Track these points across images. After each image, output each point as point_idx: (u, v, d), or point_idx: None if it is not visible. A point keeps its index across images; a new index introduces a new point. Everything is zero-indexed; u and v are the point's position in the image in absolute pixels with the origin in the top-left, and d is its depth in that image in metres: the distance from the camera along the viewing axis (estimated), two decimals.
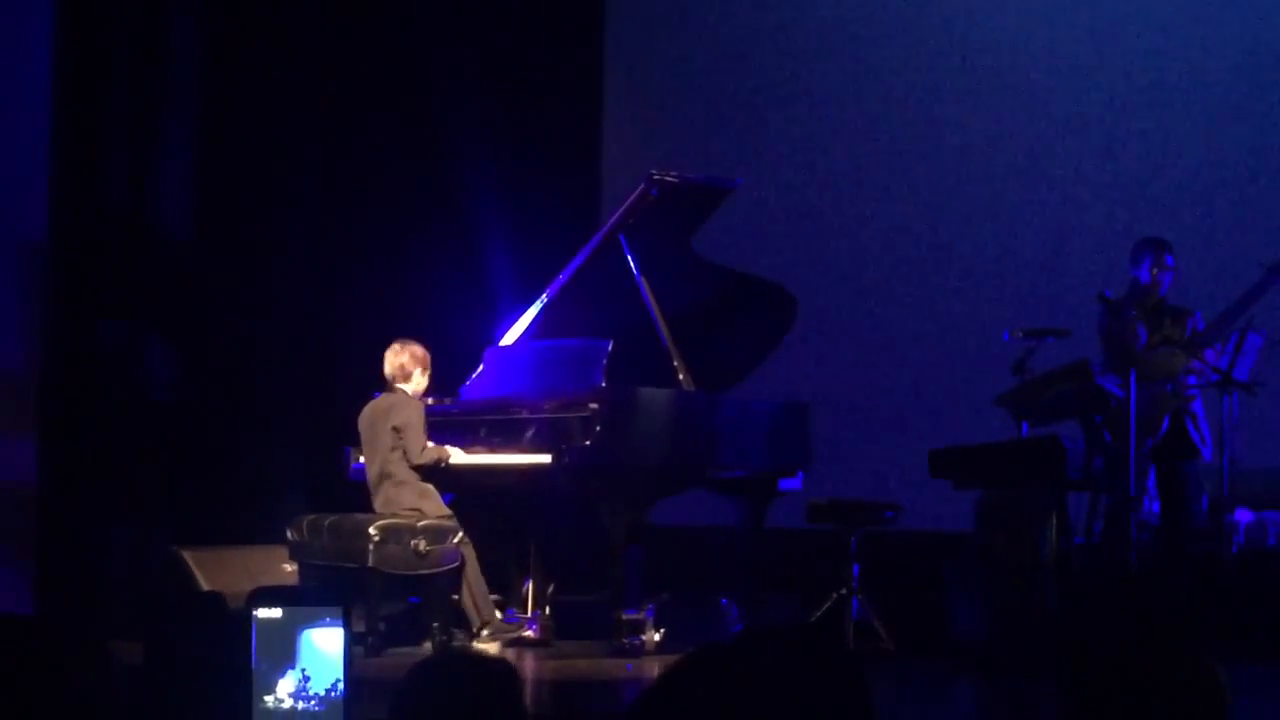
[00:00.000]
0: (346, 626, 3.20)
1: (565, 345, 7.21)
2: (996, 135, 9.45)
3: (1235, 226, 8.83)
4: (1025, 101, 9.39)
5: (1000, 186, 9.41)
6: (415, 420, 6.97)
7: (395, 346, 7.14)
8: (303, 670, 3.18)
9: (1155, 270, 7.07)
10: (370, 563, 6.67)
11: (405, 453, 6.96)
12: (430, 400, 7.23)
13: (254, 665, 3.16)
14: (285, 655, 3.18)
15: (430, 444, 6.97)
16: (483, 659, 2.74)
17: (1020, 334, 6.85)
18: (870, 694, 2.11)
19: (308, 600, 3.26)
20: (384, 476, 7.01)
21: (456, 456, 7.00)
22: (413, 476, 6.98)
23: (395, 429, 6.97)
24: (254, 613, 3.17)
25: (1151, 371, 6.82)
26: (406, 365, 7.10)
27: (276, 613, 3.19)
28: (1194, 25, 9.10)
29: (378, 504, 7.02)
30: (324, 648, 3.19)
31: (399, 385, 7.11)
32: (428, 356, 7.16)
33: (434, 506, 6.95)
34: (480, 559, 6.96)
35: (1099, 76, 9.27)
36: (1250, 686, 4.44)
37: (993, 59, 9.49)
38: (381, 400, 7.11)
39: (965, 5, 9.60)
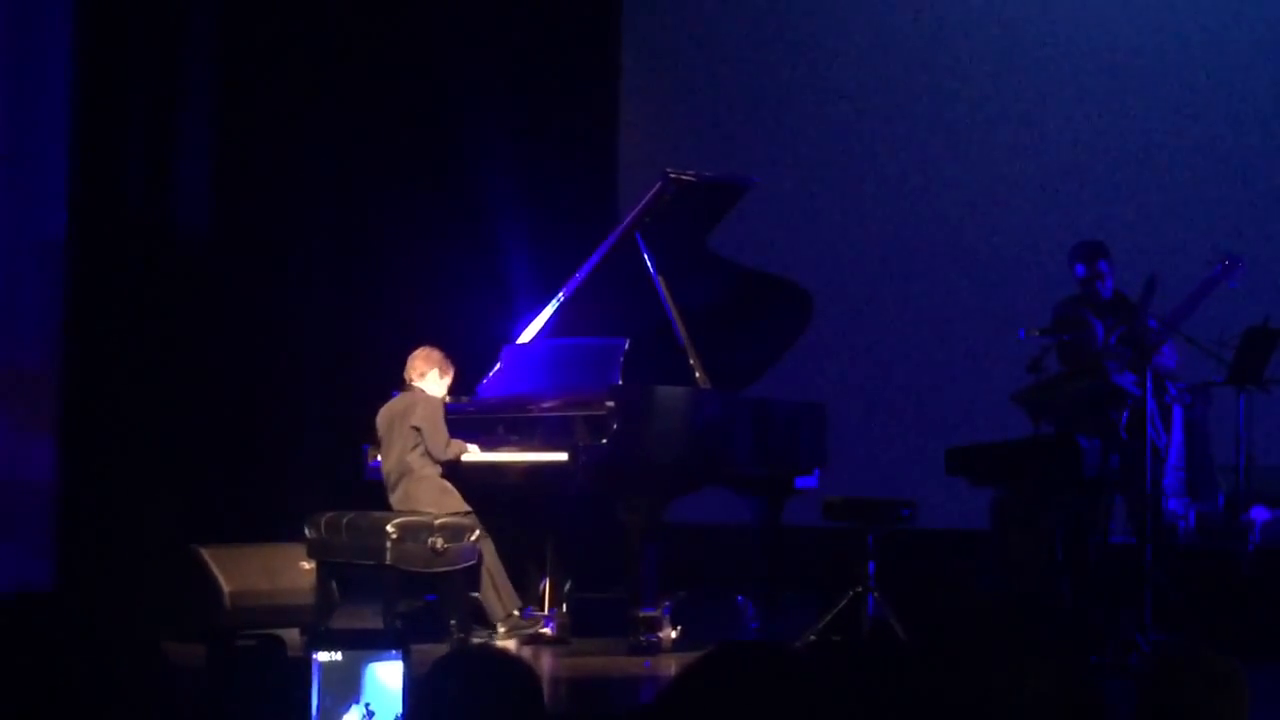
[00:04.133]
0: (406, 662, 3.21)
1: (582, 344, 7.22)
2: (1016, 133, 9.44)
3: (1252, 221, 8.82)
4: (1045, 101, 9.39)
5: (1018, 184, 9.41)
6: (435, 417, 6.99)
7: (418, 351, 7.19)
8: (367, 705, 3.20)
9: (1091, 276, 7.02)
10: (388, 560, 6.69)
11: (429, 450, 6.98)
12: (448, 399, 7.25)
13: (316, 705, 3.17)
14: (350, 690, 3.20)
15: (454, 440, 6.99)
16: (502, 656, 2.75)
17: (1036, 332, 6.84)
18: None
19: (366, 642, 3.27)
20: (403, 474, 7.03)
21: (473, 454, 7.03)
22: (432, 474, 6.99)
23: (415, 428, 6.99)
24: (314, 656, 3.18)
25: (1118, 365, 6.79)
26: (420, 365, 7.13)
27: (337, 655, 3.20)
28: (1208, 24, 9.09)
29: (394, 501, 7.05)
30: (387, 682, 3.21)
31: (415, 384, 7.14)
32: (444, 359, 7.17)
33: (454, 504, 6.97)
34: (499, 555, 6.98)
35: (1117, 78, 9.26)
36: (1268, 684, 4.43)
37: (1008, 63, 9.49)
38: (400, 399, 7.14)
39: (986, 7, 9.59)
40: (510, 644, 6.82)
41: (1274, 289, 7.89)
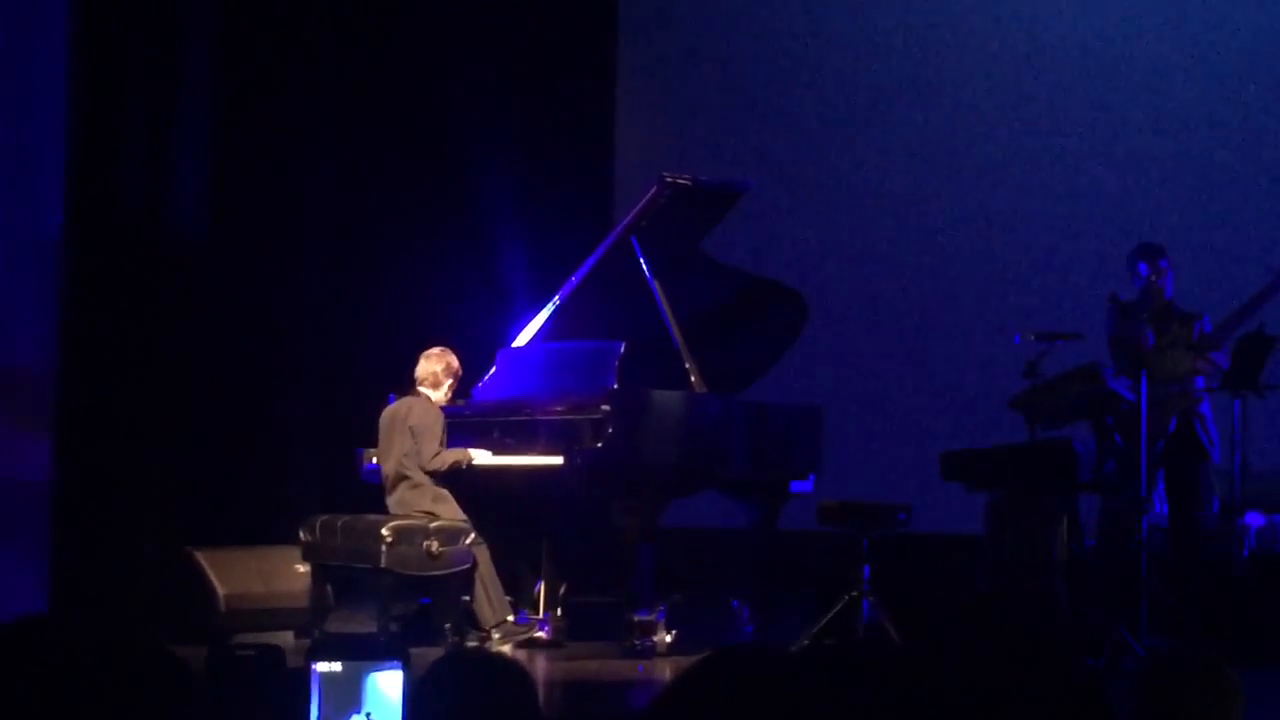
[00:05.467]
0: (406, 672, 3.21)
1: (578, 347, 7.22)
2: (1011, 139, 9.45)
3: (1244, 229, 8.83)
4: (1039, 106, 9.40)
5: (1013, 190, 9.42)
6: (432, 425, 6.98)
7: (435, 351, 7.17)
8: (368, 715, 3.20)
9: (1153, 275, 7.07)
10: (383, 564, 6.68)
11: (418, 457, 6.97)
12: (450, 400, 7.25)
13: (318, 716, 3.17)
14: (351, 700, 3.20)
15: (445, 451, 6.96)
16: (497, 660, 2.75)
17: (1032, 337, 6.85)
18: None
19: (366, 652, 3.27)
20: (400, 478, 7.02)
21: (481, 457, 7.00)
22: (427, 480, 6.99)
23: (412, 429, 6.98)
24: (314, 666, 3.18)
25: (1158, 373, 6.83)
26: (439, 374, 7.12)
27: (337, 666, 3.20)
28: (1203, 31, 9.10)
29: (391, 505, 7.04)
30: (388, 691, 3.21)
31: (423, 389, 7.12)
32: (460, 372, 7.18)
33: (449, 510, 6.96)
34: (493, 560, 6.97)
35: (1112, 81, 9.27)
36: (1262, 690, 4.44)
37: (1006, 66, 9.50)
38: (403, 402, 7.13)
39: (981, 9, 9.61)
40: (505, 648, 6.81)
41: None
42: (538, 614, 7.12)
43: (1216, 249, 8.54)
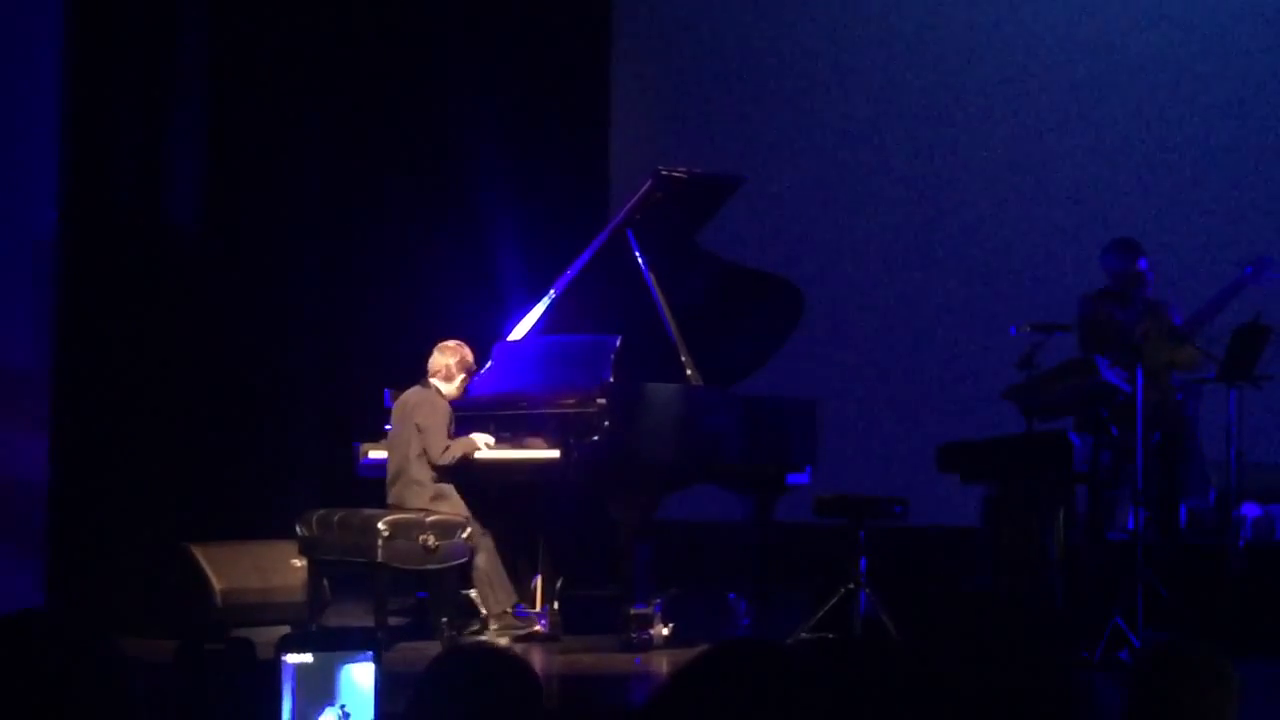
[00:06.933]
0: (377, 663, 3.21)
1: (573, 340, 7.22)
2: (1005, 131, 9.46)
3: (1235, 224, 8.84)
4: (1033, 98, 9.41)
5: (1007, 181, 9.42)
6: (439, 421, 6.96)
7: (450, 344, 7.13)
8: (342, 707, 3.19)
9: (1132, 270, 7.10)
10: (379, 558, 6.68)
11: (426, 451, 6.96)
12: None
13: (292, 709, 3.16)
14: (325, 693, 3.19)
15: (453, 444, 6.95)
16: (502, 655, 2.74)
17: (1027, 328, 6.85)
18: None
19: (338, 643, 3.26)
20: (400, 473, 7.01)
21: (484, 442, 6.99)
22: (428, 478, 6.96)
23: (418, 426, 6.97)
24: (284, 658, 3.17)
25: (1146, 360, 6.84)
26: (452, 368, 7.09)
27: (308, 658, 3.19)
28: (1197, 28, 9.11)
29: (391, 498, 7.04)
30: (362, 683, 3.20)
31: (434, 381, 7.10)
32: (474, 367, 7.17)
33: (449, 508, 6.95)
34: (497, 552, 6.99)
35: (1104, 75, 9.28)
36: (1258, 679, 4.44)
37: (999, 57, 9.51)
38: (411, 393, 7.10)
39: (972, 4, 9.61)
40: (502, 640, 6.81)
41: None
42: (535, 608, 7.12)
43: (1212, 245, 8.55)
